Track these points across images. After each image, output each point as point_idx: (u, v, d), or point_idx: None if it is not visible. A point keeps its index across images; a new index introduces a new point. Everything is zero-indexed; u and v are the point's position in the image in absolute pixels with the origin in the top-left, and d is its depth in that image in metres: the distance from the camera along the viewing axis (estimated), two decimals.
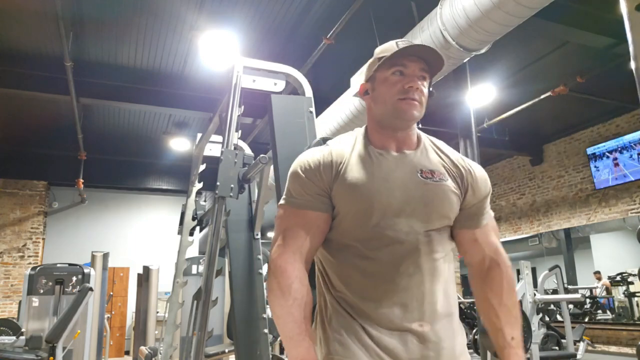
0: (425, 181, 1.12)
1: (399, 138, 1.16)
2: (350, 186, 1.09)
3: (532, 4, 3.19)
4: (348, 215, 1.10)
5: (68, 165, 8.32)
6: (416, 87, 1.11)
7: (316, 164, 1.13)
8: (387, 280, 1.07)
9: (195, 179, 3.15)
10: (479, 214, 1.19)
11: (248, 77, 2.15)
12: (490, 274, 1.17)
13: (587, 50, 5.67)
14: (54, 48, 5.52)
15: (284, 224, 1.12)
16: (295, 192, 1.13)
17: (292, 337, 1.01)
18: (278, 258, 1.07)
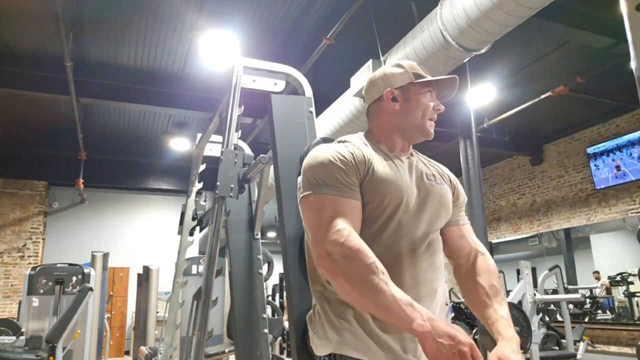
0: (431, 183, 1.25)
1: (406, 146, 1.29)
2: (382, 181, 1.16)
3: (532, 4, 3.19)
4: (380, 207, 1.15)
5: (68, 165, 8.33)
6: (440, 111, 1.28)
7: (350, 156, 1.16)
8: (401, 272, 1.13)
9: (195, 179, 3.15)
10: (462, 215, 1.35)
11: (248, 77, 2.15)
12: (476, 261, 1.28)
13: (587, 50, 5.67)
14: (54, 48, 5.53)
15: (328, 210, 1.09)
16: (331, 180, 1.12)
17: (406, 304, 0.95)
18: (348, 239, 1.04)
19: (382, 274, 0.99)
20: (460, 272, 1.31)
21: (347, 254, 1.02)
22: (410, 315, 0.93)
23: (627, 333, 7.29)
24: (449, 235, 1.32)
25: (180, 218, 3.26)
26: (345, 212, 1.09)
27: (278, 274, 8.44)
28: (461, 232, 1.33)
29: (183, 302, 3.11)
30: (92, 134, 7.69)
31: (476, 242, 1.33)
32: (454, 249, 1.32)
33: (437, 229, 1.24)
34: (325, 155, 1.16)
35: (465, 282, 1.28)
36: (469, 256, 1.30)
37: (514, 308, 4.39)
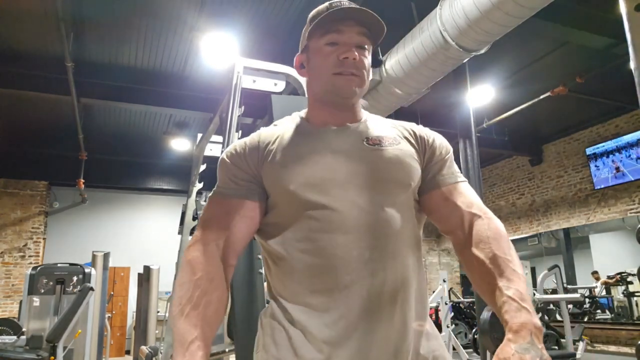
0: (372, 148, 0.97)
1: (341, 115, 1.01)
2: (281, 164, 0.95)
3: (531, 4, 3.20)
4: (284, 197, 0.94)
5: (69, 165, 8.34)
6: (353, 57, 0.95)
7: (242, 148, 1.01)
8: (336, 273, 0.88)
9: (196, 179, 3.16)
10: (446, 172, 1.03)
11: (248, 78, 2.16)
12: (472, 228, 0.95)
13: (587, 50, 5.68)
14: (55, 48, 5.53)
15: (204, 215, 0.98)
16: (221, 181, 1.00)
17: (180, 344, 0.81)
18: (186, 251, 0.92)
19: (188, 300, 0.85)
20: (458, 248, 0.99)
21: (181, 265, 0.93)
22: (175, 357, 0.81)
23: (626, 333, 7.30)
24: (431, 201, 1.01)
25: (181, 218, 3.26)
26: (220, 215, 0.95)
27: None
28: (444, 194, 1.00)
29: None
30: (93, 134, 7.70)
31: (471, 203, 0.98)
32: (442, 218, 1.00)
33: (387, 204, 0.93)
34: (222, 155, 1.04)
35: (464, 261, 0.96)
36: (462, 224, 0.97)
37: None
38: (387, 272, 0.90)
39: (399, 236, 0.93)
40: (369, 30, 0.99)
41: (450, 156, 1.06)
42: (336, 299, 0.88)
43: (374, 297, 0.88)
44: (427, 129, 1.08)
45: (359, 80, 0.98)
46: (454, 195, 1.00)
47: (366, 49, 0.99)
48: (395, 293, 0.90)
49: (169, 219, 9.98)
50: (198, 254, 0.90)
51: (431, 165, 1.02)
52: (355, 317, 0.87)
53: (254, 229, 0.98)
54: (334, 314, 0.87)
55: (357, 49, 0.97)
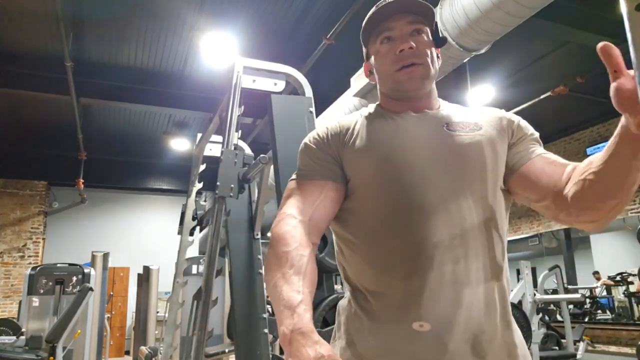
0: (453, 133, 0.95)
1: (417, 104, 1.01)
2: (362, 149, 0.95)
3: (532, 4, 3.19)
4: (364, 181, 0.94)
5: (68, 165, 8.33)
6: (409, 47, 0.95)
7: (324, 132, 1.02)
8: (420, 256, 0.87)
9: (196, 179, 3.16)
10: (535, 148, 0.98)
11: (248, 77, 2.15)
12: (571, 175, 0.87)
13: (587, 50, 5.67)
14: (54, 48, 5.53)
15: (287, 196, 0.98)
16: (304, 164, 1.01)
17: (284, 306, 0.78)
18: (275, 226, 0.92)
19: (290, 267, 0.84)
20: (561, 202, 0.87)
21: (272, 240, 0.91)
22: (282, 320, 0.78)
23: (627, 333, 7.29)
24: (523, 175, 0.95)
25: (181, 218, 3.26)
26: (301, 193, 0.95)
27: None
28: (541, 161, 0.94)
29: (183, 302, 3.11)
30: (92, 134, 7.69)
31: (567, 162, 0.93)
32: (537, 185, 0.92)
33: (468, 190, 0.90)
34: (305, 140, 1.05)
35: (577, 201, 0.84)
36: (565, 177, 0.89)
37: (514, 308, 4.39)
38: (469, 260, 0.87)
39: (479, 223, 0.90)
40: (420, 14, 0.98)
41: (536, 136, 1.01)
42: (415, 284, 0.86)
43: (455, 283, 0.86)
44: (511, 113, 1.05)
45: (422, 68, 0.97)
46: (550, 160, 0.95)
47: (423, 33, 0.99)
48: (477, 281, 0.87)
49: (168, 219, 9.98)
50: (289, 228, 0.90)
51: (517, 143, 0.98)
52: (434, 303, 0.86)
53: (335, 210, 0.97)
54: (413, 300, 0.86)
55: (412, 38, 0.97)
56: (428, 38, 0.99)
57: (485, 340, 0.86)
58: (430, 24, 1.00)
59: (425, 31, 0.99)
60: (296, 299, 0.79)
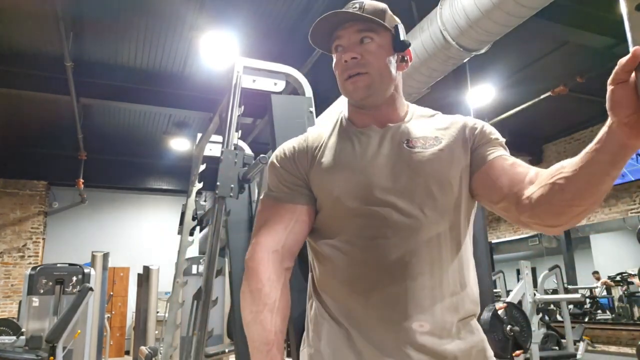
0: (412, 150, 0.96)
1: (379, 114, 1.01)
2: (326, 169, 0.98)
3: (532, 4, 3.19)
4: (329, 202, 0.97)
5: (68, 165, 8.33)
6: (350, 57, 0.96)
7: (291, 151, 1.04)
8: (380, 272, 0.91)
9: (196, 179, 3.15)
10: (496, 150, 0.99)
11: (248, 77, 2.15)
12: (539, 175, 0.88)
13: (587, 50, 5.68)
14: (54, 48, 5.52)
15: (260, 220, 1.01)
16: (272, 184, 1.04)
17: (258, 348, 0.87)
18: (249, 259, 0.96)
19: (263, 305, 0.90)
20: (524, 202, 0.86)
21: (245, 272, 0.96)
22: None
23: (627, 333, 7.29)
24: (482, 175, 0.95)
25: (180, 218, 3.26)
26: (275, 219, 0.98)
27: None
28: (501, 162, 0.95)
29: (183, 302, 3.11)
30: (92, 134, 7.69)
31: (529, 167, 0.95)
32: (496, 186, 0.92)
33: (428, 207, 0.92)
34: (272, 157, 1.07)
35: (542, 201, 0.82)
36: (527, 180, 0.89)
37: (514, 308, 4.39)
38: (427, 276, 0.90)
39: (441, 240, 0.93)
40: (371, 22, 0.97)
41: (500, 140, 1.03)
42: (374, 299, 0.90)
43: (415, 299, 0.89)
44: (476, 119, 1.06)
45: (366, 77, 0.97)
46: (510, 162, 0.96)
47: (373, 41, 0.98)
48: (438, 297, 0.91)
49: (168, 219, 9.99)
50: (262, 262, 0.94)
51: (479, 147, 0.99)
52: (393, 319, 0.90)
53: (307, 231, 1.02)
54: (371, 314, 0.91)
55: (360, 47, 0.97)
56: (379, 45, 0.98)
57: (444, 352, 0.89)
58: (386, 30, 1.00)
59: (375, 39, 0.98)
60: (268, 341, 0.87)
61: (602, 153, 0.75)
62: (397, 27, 1.01)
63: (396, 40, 1.01)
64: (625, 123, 0.67)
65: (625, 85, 0.65)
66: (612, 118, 0.70)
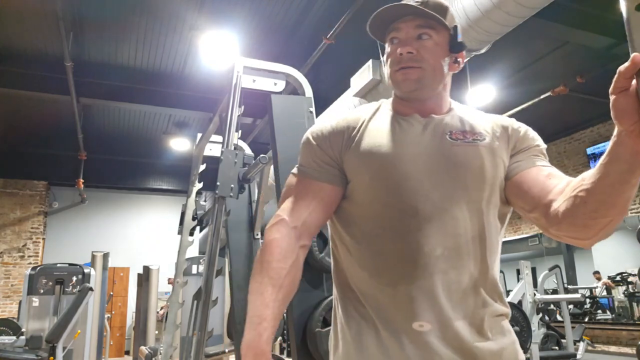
0: (454, 142, 0.95)
1: (423, 107, 1.00)
2: (363, 153, 0.96)
3: (532, 4, 3.19)
4: (361, 187, 0.96)
5: (68, 165, 8.33)
6: (406, 51, 0.95)
7: (328, 130, 1.02)
8: (409, 263, 0.89)
9: (195, 179, 3.15)
10: (536, 160, 0.97)
11: (248, 77, 2.15)
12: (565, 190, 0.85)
13: (587, 50, 5.67)
14: (54, 48, 5.53)
15: (286, 193, 1.01)
16: (304, 160, 1.03)
17: (251, 318, 0.87)
18: (268, 230, 0.96)
19: (268, 279, 0.90)
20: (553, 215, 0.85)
21: (263, 244, 0.97)
22: (246, 329, 0.87)
23: (627, 333, 7.29)
24: (516, 183, 0.94)
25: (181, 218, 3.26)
26: (301, 195, 0.98)
27: None
28: (536, 171, 0.93)
29: (183, 302, 3.11)
30: (92, 134, 7.69)
31: (563, 176, 0.92)
32: (528, 195, 0.92)
33: (463, 202, 0.91)
34: (307, 133, 1.06)
35: (567, 216, 0.82)
36: (557, 191, 0.87)
37: (514, 308, 4.39)
38: (459, 271, 0.89)
39: (473, 235, 0.91)
40: (432, 18, 0.97)
41: (541, 147, 1.00)
42: (402, 292, 0.89)
43: (443, 294, 0.88)
44: (520, 123, 1.04)
45: (419, 71, 0.96)
46: (546, 173, 0.93)
47: (431, 38, 0.97)
48: (466, 293, 0.89)
49: (168, 219, 9.99)
50: (278, 236, 0.94)
51: (519, 152, 0.98)
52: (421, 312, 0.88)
53: (330, 213, 1.01)
54: (400, 308, 0.89)
55: (416, 42, 0.97)
56: (436, 44, 0.98)
57: (473, 350, 0.88)
58: (445, 29, 0.99)
59: (434, 36, 0.98)
60: (262, 314, 0.86)
61: (617, 163, 0.73)
62: (455, 28, 1.00)
63: (453, 40, 1.00)
64: (631, 131, 0.66)
65: (627, 94, 0.65)
66: (619, 127, 0.68)
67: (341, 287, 1.00)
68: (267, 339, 0.85)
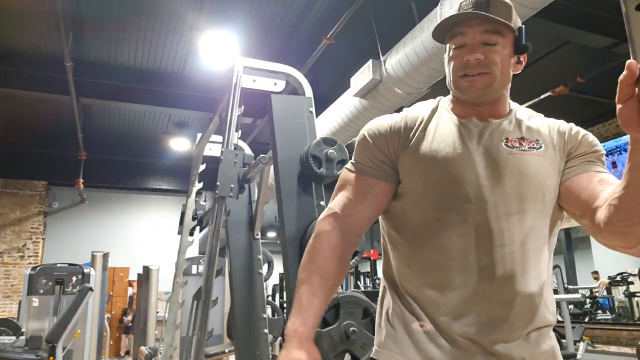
0: (510, 150, 0.94)
1: (483, 110, 0.99)
2: (420, 155, 0.95)
3: (532, 4, 3.19)
4: (417, 190, 0.95)
5: (68, 165, 8.33)
6: (475, 58, 0.94)
7: (385, 128, 1.02)
8: (457, 272, 0.89)
9: (195, 179, 3.16)
10: (593, 166, 0.96)
11: (248, 77, 2.15)
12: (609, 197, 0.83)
13: (588, 50, 5.67)
14: (54, 48, 5.52)
15: (340, 188, 1.03)
16: (359, 156, 1.03)
17: (299, 305, 0.92)
18: (320, 221, 1.00)
19: (316, 268, 0.94)
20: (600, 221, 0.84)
21: (314, 234, 1.00)
22: (292, 316, 0.91)
23: (627, 333, 7.29)
24: (568, 188, 0.94)
25: (180, 218, 3.26)
26: (353, 191, 1.00)
27: (278, 274, 8.44)
28: (588, 177, 0.93)
29: (183, 302, 3.11)
30: (92, 134, 7.69)
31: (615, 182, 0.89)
32: (578, 201, 0.91)
33: (514, 212, 0.90)
34: (365, 128, 1.05)
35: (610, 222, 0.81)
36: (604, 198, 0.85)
37: None
38: (505, 281, 0.88)
39: (522, 247, 0.90)
40: (498, 23, 0.96)
41: (599, 153, 1.00)
42: (447, 296, 0.90)
43: (491, 301, 0.88)
44: (578, 127, 1.04)
45: (487, 77, 0.95)
46: (598, 179, 0.92)
47: (497, 44, 0.96)
48: (509, 306, 0.89)
49: (168, 219, 9.98)
50: (329, 228, 0.98)
51: (575, 157, 0.98)
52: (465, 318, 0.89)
53: (381, 211, 1.02)
54: (444, 310, 0.90)
55: (483, 47, 0.95)
56: (502, 48, 0.97)
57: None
58: (511, 31, 0.99)
59: (501, 41, 0.97)
60: (309, 302, 0.91)
61: (635, 170, 0.74)
62: (520, 29, 1.01)
63: (518, 42, 1.00)
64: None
65: (632, 102, 0.65)
66: (630, 135, 0.70)
67: (389, 282, 1.02)
68: (312, 325, 0.90)
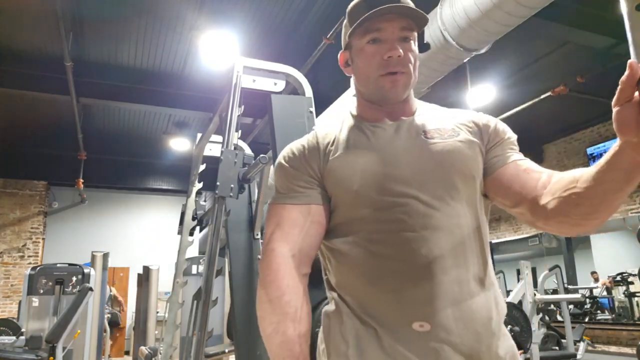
0: (430, 141, 0.93)
1: (393, 110, 0.98)
2: (342, 165, 0.93)
3: (532, 4, 3.19)
4: (347, 198, 0.92)
5: (68, 165, 8.33)
6: (397, 54, 0.92)
7: (301, 150, 0.99)
8: (401, 270, 0.86)
9: (195, 179, 3.16)
10: (510, 151, 0.97)
11: (248, 77, 2.15)
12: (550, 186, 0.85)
13: (587, 50, 5.67)
14: (54, 48, 5.52)
15: (272, 224, 0.95)
16: (282, 186, 0.98)
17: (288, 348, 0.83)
18: (266, 267, 0.91)
19: (284, 315, 0.85)
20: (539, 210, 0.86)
21: (261, 279, 0.91)
22: None
23: (627, 333, 7.29)
24: (496, 180, 0.94)
25: (180, 218, 3.26)
26: (289, 222, 0.93)
27: None
28: (514, 167, 0.93)
29: (183, 302, 3.11)
30: (92, 134, 7.69)
31: (542, 170, 0.91)
32: (510, 191, 0.91)
33: (451, 198, 0.89)
34: (280, 158, 1.01)
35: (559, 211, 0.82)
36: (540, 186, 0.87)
37: (514, 308, 4.39)
38: (460, 270, 0.86)
39: (466, 232, 0.89)
40: (413, 20, 0.94)
41: (513, 139, 0.99)
42: (406, 296, 0.86)
43: (448, 294, 0.85)
44: (488, 116, 1.03)
45: (405, 77, 0.94)
46: (524, 167, 0.93)
47: (411, 40, 0.95)
48: (471, 292, 0.87)
49: (168, 219, 9.98)
50: (279, 268, 0.89)
51: (493, 147, 0.97)
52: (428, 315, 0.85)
53: (323, 233, 0.96)
54: (404, 313, 0.86)
55: (401, 44, 0.94)
56: (414, 47, 0.96)
57: (480, 353, 0.85)
58: (419, 29, 0.97)
59: (414, 38, 0.96)
60: (294, 354, 0.83)
61: (615, 171, 0.72)
62: (423, 29, 1.01)
63: (420, 41, 0.99)
64: (635, 143, 0.66)
65: (630, 105, 0.64)
66: (621, 138, 0.68)
67: (330, 289, 0.97)
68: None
